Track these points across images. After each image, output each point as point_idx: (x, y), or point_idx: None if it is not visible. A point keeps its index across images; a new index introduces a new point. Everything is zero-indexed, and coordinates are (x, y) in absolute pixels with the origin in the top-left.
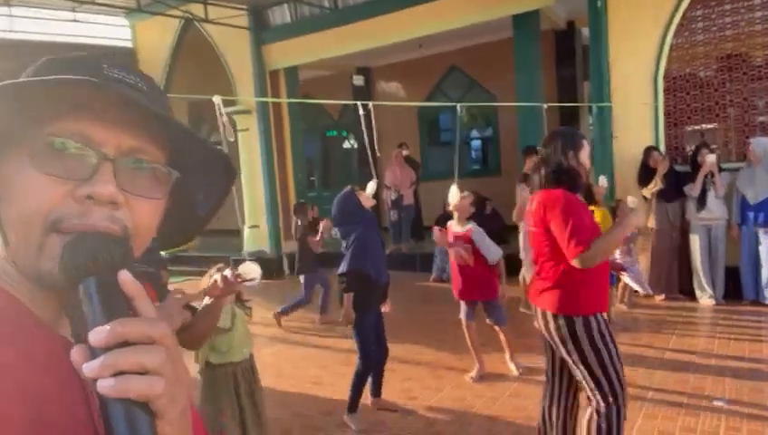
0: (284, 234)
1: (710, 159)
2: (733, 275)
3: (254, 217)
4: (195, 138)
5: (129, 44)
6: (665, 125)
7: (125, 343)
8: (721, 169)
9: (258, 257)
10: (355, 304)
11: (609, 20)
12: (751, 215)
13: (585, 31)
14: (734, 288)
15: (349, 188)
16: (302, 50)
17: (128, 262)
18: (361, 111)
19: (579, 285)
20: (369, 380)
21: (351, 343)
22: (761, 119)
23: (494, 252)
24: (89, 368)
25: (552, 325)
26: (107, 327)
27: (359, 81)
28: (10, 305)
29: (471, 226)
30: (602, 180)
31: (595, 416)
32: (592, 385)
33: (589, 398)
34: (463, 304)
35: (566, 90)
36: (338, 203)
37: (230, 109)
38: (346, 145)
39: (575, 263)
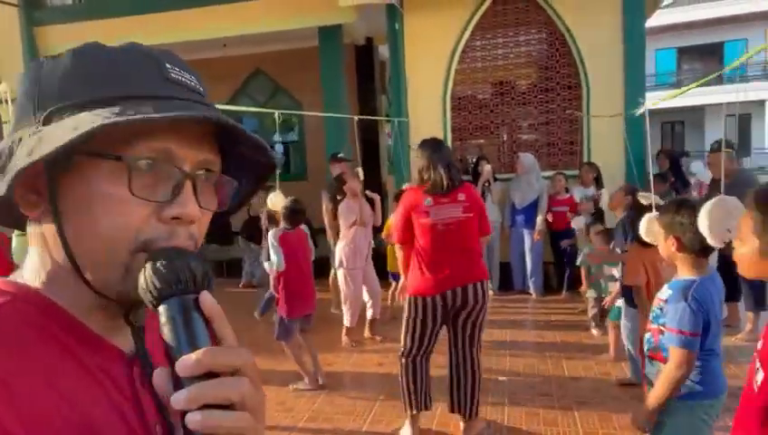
0: None
1: (487, 168)
2: (504, 269)
3: None
4: (254, 141)
5: None
6: (452, 139)
7: (210, 373)
8: (496, 179)
9: None
10: None
11: (405, 42)
12: (518, 218)
13: (382, 48)
14: (505, 280)
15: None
16: (85, 36)
17: (208, 279)
18: None
19: None
20: None
21: None
22: (524, 137)
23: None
24: (176, 400)
25: (480, 292)
26: (193, 357)
27: None
28: (60, 319)
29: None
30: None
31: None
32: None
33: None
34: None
35: (366, 100)
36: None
37: None
38: None
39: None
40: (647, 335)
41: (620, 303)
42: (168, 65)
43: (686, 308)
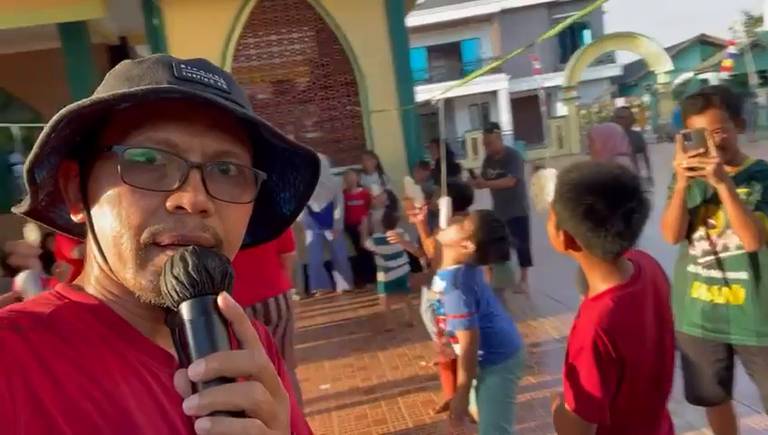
0: None
1: None
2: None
3: None
4: (279, 135)
5: None
6: None
7: (223, 378)
8: None
9: None
10: None
11: (167, 41)
12: (319, 221)
13: (139, 48)
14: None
15: None
16: None
17: (228, 278)
18: None
19: None
20: None
21: None
22: (310, 135)
23: None
24: (187, 406)
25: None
26: (203, 363)
27: None
28: (107, 317)
29: None
30: None
31: None
32: None
33: None
34: None
35: None
36: None
37: None
38: None
39: None
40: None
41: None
42: (182, 65)
43: (459, 295)
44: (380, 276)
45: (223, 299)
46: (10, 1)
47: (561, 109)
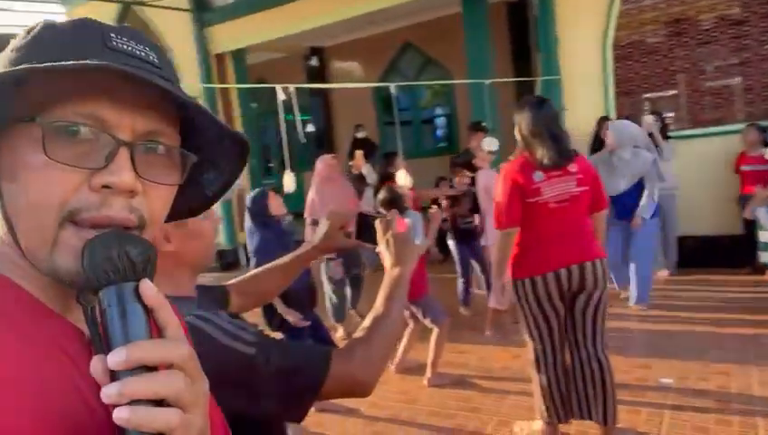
0: (239, 225)
1: (649, 119)
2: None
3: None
4: (209, 116)
5: None
6: (615, 94)
7: (143, 367)
8: (668, 137)
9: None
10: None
11: None
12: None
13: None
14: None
15: (261, 189)
16: (247, 31)
17: (150, 265)
18: (281, 97)
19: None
20: None
21: None
22: (709, 84)
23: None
24: (105, 395)
25: (600, 272)
26: (124, 351)
27: (313, 61)
28: (11, 293)
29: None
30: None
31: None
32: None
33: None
34: None
35: (521, 62)
36: (248, 203)
37: None
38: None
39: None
40: None
41: None
42: (112, 35)
43: None
44: None
45: (145, 287)
46: None
47: None
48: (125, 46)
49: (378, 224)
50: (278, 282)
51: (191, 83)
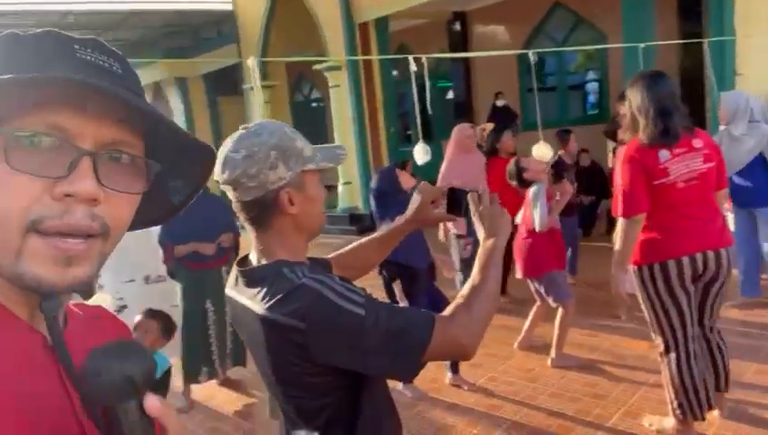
0: None
1: None
2: None
3: (347, 174)
4: (172, 125)
5: (229, 7)
6: None
7: None
8: None
9: (351, 214)
10: (405, 292)
11: None
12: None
13: None
14: None
15: (391, 165)
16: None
17: (150, 377)
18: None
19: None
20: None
21: None
22: None
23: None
24: None
25: (725, 260)
26: None
27: (456, 26)
28: None
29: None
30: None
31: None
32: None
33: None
34: None
35: (689, 21)
36: (376, 181)
37: (321, 66)
38: (449, 96)
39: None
40: None
41: None
42: (76, 46)
43: None
44: None
45: (149, 405)
46: None
47: None
48: (89, 57)
49: (470, 198)
50: (375, 255)
51: (337, 52)
